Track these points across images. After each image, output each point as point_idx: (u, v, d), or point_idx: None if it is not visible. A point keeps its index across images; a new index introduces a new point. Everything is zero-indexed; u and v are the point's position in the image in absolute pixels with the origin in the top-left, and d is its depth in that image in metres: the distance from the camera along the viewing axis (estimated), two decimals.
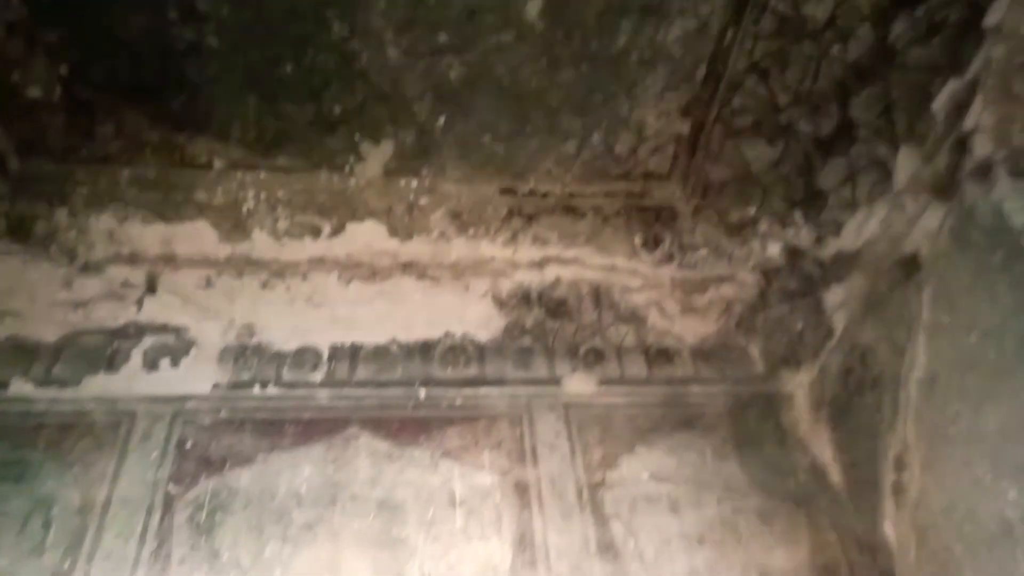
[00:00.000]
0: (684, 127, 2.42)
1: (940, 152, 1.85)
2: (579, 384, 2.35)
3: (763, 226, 2.47)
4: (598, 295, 2.57)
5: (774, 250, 2.47)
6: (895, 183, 2.03)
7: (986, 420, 1.66)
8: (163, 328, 2.29)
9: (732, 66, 2.20)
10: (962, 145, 1.80)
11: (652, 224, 2.64)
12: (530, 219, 2.54)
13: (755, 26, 2.07)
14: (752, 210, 2.47)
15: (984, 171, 1.73)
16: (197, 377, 2.21)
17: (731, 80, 2.23)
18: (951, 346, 1.78)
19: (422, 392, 2.25)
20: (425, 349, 2.38)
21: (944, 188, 1.85)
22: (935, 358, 1.84)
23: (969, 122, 1.77)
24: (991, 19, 1.68)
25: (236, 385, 2.21)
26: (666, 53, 2.22)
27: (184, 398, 2.14)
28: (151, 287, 2.35)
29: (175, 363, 2.23)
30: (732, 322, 2.56)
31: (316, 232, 2.49)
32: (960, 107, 1.79)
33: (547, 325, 2.49)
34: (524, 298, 2.51)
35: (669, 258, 2.60)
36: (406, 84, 2.19)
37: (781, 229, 2.43)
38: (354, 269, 2.51)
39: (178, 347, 2.26)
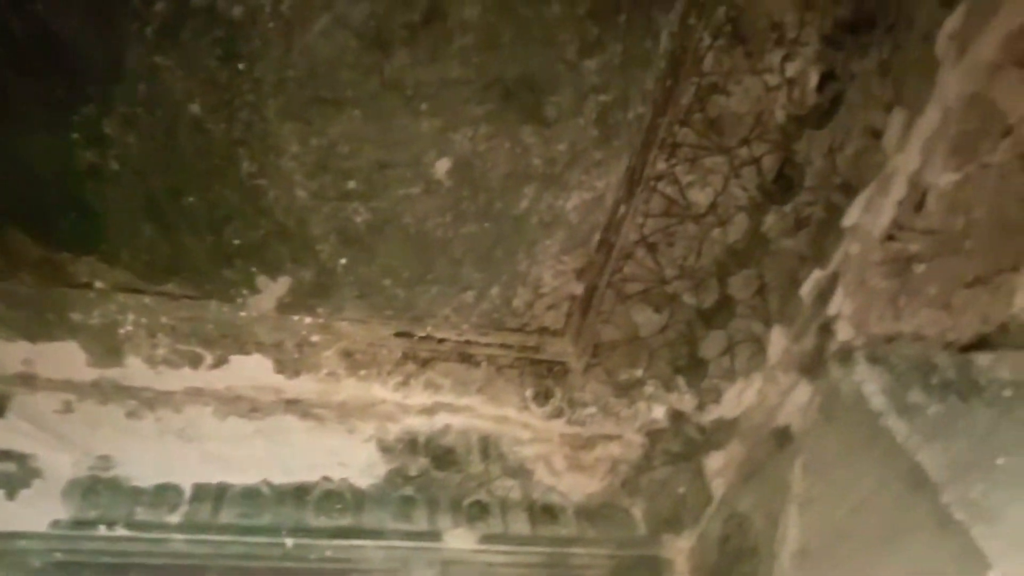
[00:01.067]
0: (578, 288, 2.53)
1: (807, 334, 2.01)
2: (460, 540, 2.26)
3: (649, 388, 2.56)
4: (487, 446, 2.54)
5: (659, 413, 2.54)
6: (769, 358, 2.17)
7: None
8: (5, 455, 2.07)
9: (624, 237, 2.34)
10: (826, 329, 1.96)
11: (544, 378, 2.67)
12: (424, 364, 2.53)
13: (645, 205, 2.25)
14: (639, 372, 2.56)
15: (846, 355, 1.89)
16: (34, 512, 1.99)
17: (622, 249, 2.37)
18: (821, 519, 1.85)
19: (290, 541, 2.11)
20: (299, 494, 2.25)
21: (811, 367, 2.00)
22: (807, 530, 1.90)
23: (832, 309, 1.95)
24: (847, 220, 1.89)
25: (79, 523, 1.99)
26: (564, 219, 2.36)
27: (14, 535, 1.91)
28: (0, 409, 2.15)
29: (11, 495, 2.01)
30: (617, 481, 2.58)
31: (197, 362, 2.38)
32: (824, 295, 1.97)
33: (432, 474, 2.42)
34: (411, 444, 2.45)
35: (559, 413, 2.63)
36: (311, 224, 2.21)
37: (666, 393, 2.52)
38: (233, 403, 2.39)
39: (18, 477, 2.05)
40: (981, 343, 1.92)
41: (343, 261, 2.30)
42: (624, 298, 2.51)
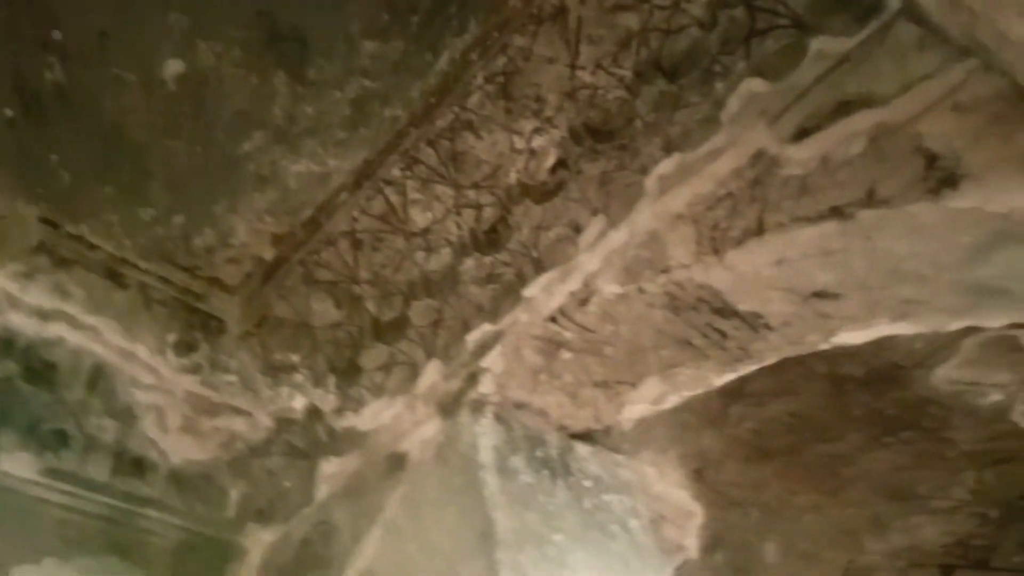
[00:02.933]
0: (269, 254, 2.41)
1: (456, 377, 2.11)
2: (18, 465, 1.97)
3: (299, 377, 2.49)
4: (99, 376, 2.27)
5: (299, 403, 2.49)
6: (417, 386, 2.24)
7: None
8: None
9: (334, 223, 2.30)
10: (473, 378, 2.09)
11: (195, 328, 2.48)
12: (62, 264, 2.20)
13: (366, 202, 2.23)
14: (295, 358, 2.48)
15: (479, 406, 2.02)
16: None
17: (328, 235, 2.32)
18: (396, 549, 1.92)
19: None
20: None
21: (448, 408, 2.10)
22: (380, 556, 1.95)
23: (486, 362, 2.08)
24: (528, 291, 2.05)
25: None
26: (283, 181, 2.25)
27: None
28: None
29: None
30: (227, 457, 2.45)
31: None
32: (484, 347, 2.09)
33: (17, 384, 2.10)
34: (5, 343, 2.10)
35: (195, 369, 2.44)
36: None
37: (313, 387, 2.47)
38: None
39: None
40: (586, 436, 2.17)
41: (9, 113, 1.95)
42: (311, 282, 2.45)
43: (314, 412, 2.46)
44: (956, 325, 1.75)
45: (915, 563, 3.49)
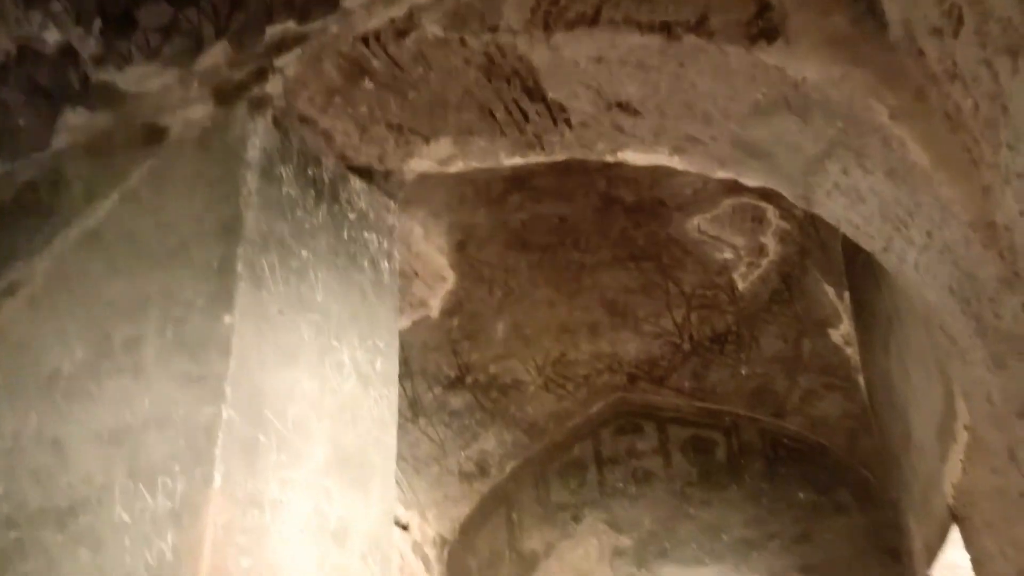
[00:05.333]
0: None
1: (243, 67, 1.94)
2: None
3: (57, 7, 2.13)
4: None
5: (51, 38, 2.15)
6: (197, 63, 2.03)
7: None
8: None
9: None
10: (263, 75, 1.93)
11: None
12: None
13: None
14: None
15: (260, 105, 1.89)
16: None
17: None
18: (129, 219, 1.83)
19: None
20: None
21: (225, 96, 1.94)
22: (110, 221, 1.85)
23: (280, 62, 1.92)
24: (349, 2, 1.88)
25: None
26: None
27: None
28: None
29: None
30: None
31: None
32: (283, 47, 1.92)
33: None
34: None
35: None
36: None
37: (73, 24, 2.14)
38: None
39: None
40: (365, 172, 2.15)
41: None
42: None
43: (69, 53, 2.15)
44: (721, 174, 1.92)
45: (611, 368, 4.08)
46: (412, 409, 3.72)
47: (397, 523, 3.81)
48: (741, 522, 3.85)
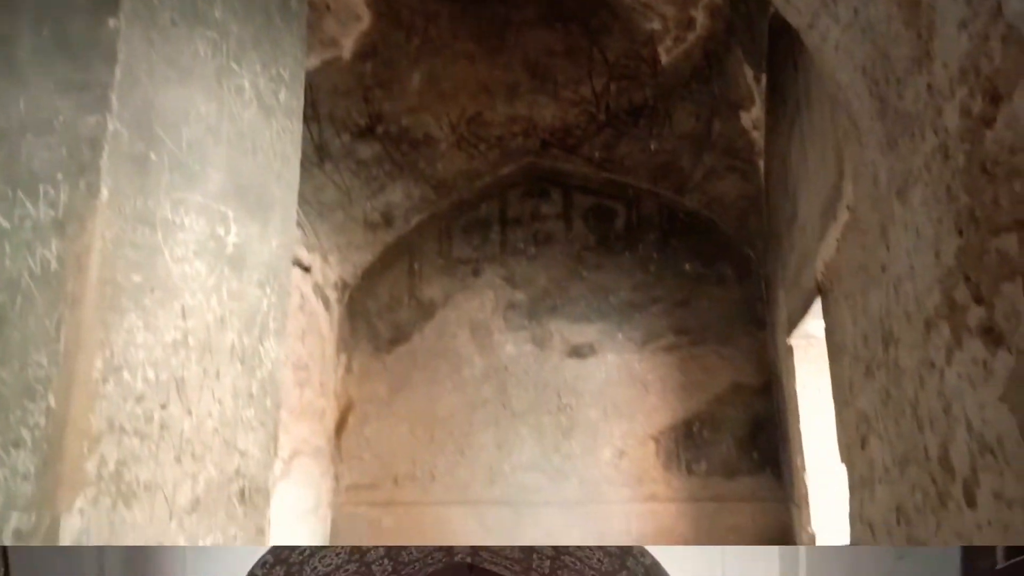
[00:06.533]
0: None
1: None
2: None
3: None
4: None
5: None
6: None
7: None
8: None
9: None
10: None
11: None
12: None
13: None
14: None
15: None
16: None
17: None
18: None
19: None
20: None
21: None
22: None
23: None
24: None
25: None
26: None
27: None
28: None
29: None
30: None
31: None
32: None
33: None
34: None
35: None
36: None
37: None
38: None
39: None
40: None
41: None
42: None
43: None
44: None
45: (525, 132, 4.04)
46: (319, 154, 3.61)
47: (299, 264, 3.87)
48: (629, 286, 4.13)
